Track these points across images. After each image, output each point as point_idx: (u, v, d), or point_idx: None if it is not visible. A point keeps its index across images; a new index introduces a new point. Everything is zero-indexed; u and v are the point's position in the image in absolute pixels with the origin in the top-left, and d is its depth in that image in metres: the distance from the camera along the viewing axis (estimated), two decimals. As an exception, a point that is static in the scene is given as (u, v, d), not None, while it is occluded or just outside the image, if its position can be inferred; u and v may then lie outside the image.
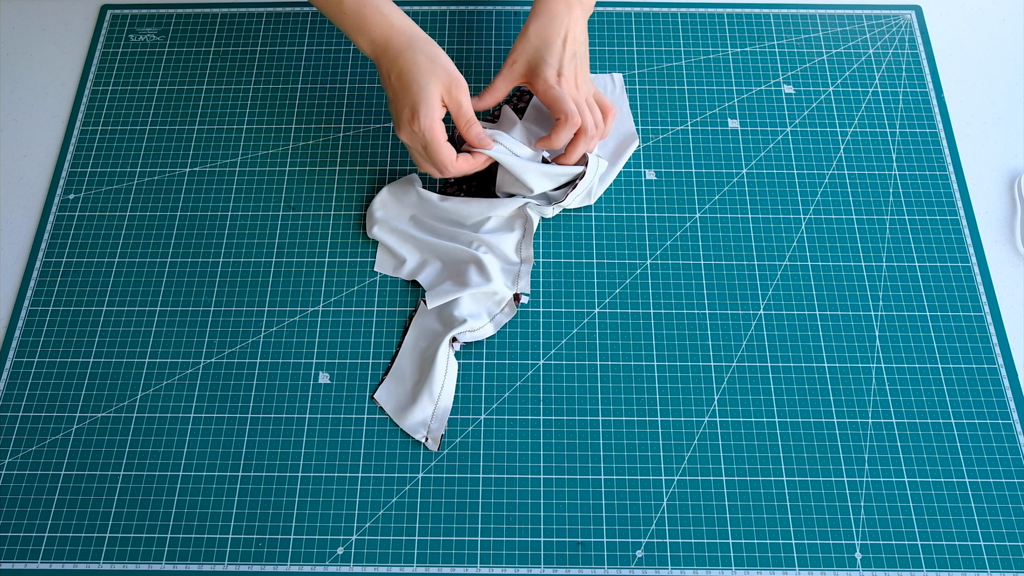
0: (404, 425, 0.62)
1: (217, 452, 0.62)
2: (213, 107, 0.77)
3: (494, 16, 0.81)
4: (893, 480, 0.61)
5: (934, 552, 0.59)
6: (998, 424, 0.63)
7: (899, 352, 0.66)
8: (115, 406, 0.64)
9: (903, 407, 0.64)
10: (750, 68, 0.78)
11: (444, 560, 0.59)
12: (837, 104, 0.76)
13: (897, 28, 0.80)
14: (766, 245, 0.70)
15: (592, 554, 0.59)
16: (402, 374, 0.64)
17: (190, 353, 0.66)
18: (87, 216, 0.72)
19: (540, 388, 0.64)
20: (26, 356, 0.66)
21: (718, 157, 0.74)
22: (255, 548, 0.59)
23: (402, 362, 0.65)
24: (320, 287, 0.68)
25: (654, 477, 0.61)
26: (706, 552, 0.59)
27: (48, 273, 0.69)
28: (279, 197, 0.72)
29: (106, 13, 0.82)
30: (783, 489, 0.61)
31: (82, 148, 0.75)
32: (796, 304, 0.67)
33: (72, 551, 0.60)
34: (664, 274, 0.69)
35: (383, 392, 0.64)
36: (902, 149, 0.74)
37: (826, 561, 0.59)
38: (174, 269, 0.69)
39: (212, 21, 0.81)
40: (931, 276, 0.68)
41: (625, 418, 0.63)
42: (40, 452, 0.63)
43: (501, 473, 0.62)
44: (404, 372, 0.64)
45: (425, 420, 0.62)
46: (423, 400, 0.62)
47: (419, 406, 0.62)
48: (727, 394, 0.64)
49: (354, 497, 0.61)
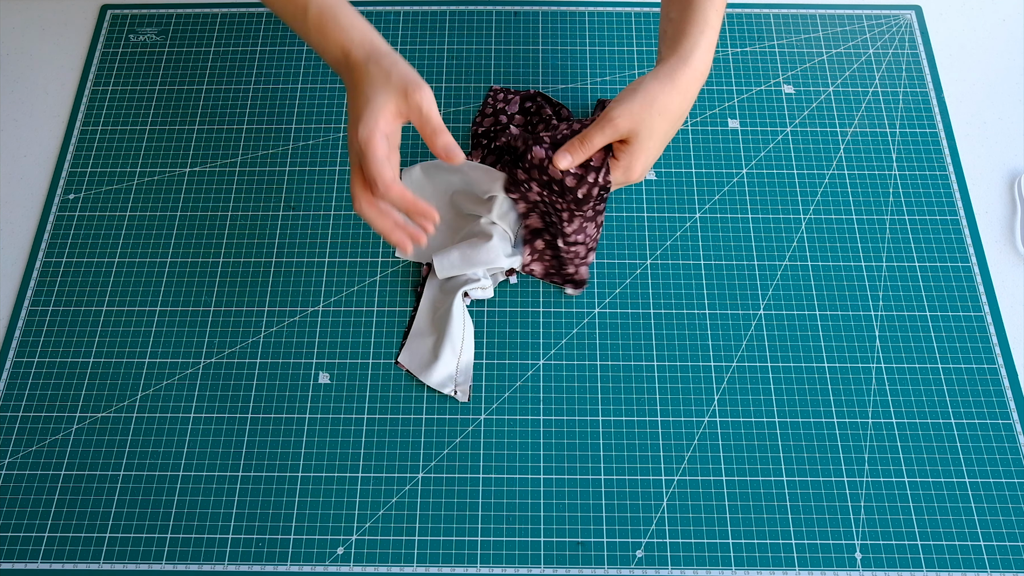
0: (431, 382, 0.64)
1: (217, 452, 0.62)
2: (213, 107, 0.77)
3: (494, 16, 0.81)
4: (893, 480, 0.61)
5: (934, 552, 0.59)
6: (998, 424, 0.63)
7: (899, 352, 0.66)
8: (115, 406, 0.64)
9: (903, 407, 0.64)
10: (750, 68, 0.78)
11: (444, 560, 0.59)
12: (837, 104, 0.76)
13: (897, 28, 0.80)
14: (766, 245, 0.70)
15: (592, 554, 0.59)
16: (422, 334, 0.65)
17: (190, 353, 0.66)
18: (87, 216, 0.72)
19: (540, 388, 0.64)
20: (26, 356, 0.66)
21: (718, 157, 0.74)
22: (255, 548, 0.59)
23: (420, 323, 0.66)
24: (320, 287, 0.68)
25: (654, 477, 0.61)
26: (706, 552, 0.59)
27: (48, 273, 0.69)
28: (279, 197, 0.72)
29: (106, 13, 0.82)
30: (783, 489, 0.61)
31: (82, 148, 0.75)
32: (796, 304, 0.67)
33: (72, 551, 0.60)
34: (664, 274, 0.69)
35: (406, 354, 0.65)
36: (902, 149, 0.74)
37: (826, 561, 0.59)
38: (174, 269, 0.69)
39: (212, 21, 0.81)
40: (931, 276, 0.68)
41: (625, 418, 0.63)
42: (40, 452, 0.63)
43: (501, 473, 0.62)
44: (423, 332, 0.65)
45: (451, 374, 0.64)
46: (446, 355, 0.63)
47: (442, 362, 0.63)
48: (727, 394, 0.64)
49: (354, 497, 0.61)
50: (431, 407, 0.64)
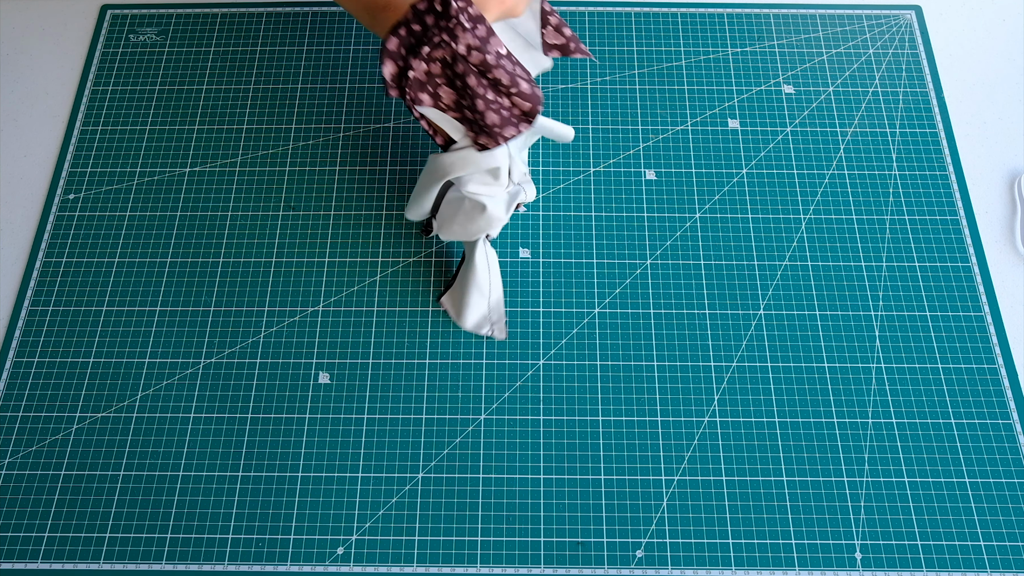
0: (467, 326, 0.65)
1: (217, 452, 0.62)
2: (213, 107, 0.77)
3: (494, 16, 0.81)
4: (893, 480, 0.61)
5: (934, 552, 0.59)
6: (998, 424, 0.63)
7: (899, 352, 0.66)
8: (115, 406, 0.64)
9: (903, 407, 0.64)
10: (750, 68, 0.78)
11: (444, 560, 0.59)
12: (837, 104, 0.76)
13: (897, 28, 0.80)
14: (766, 245, 0.70)
15: (592, 554, 0.59)
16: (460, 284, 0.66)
17: (190, 353, 0.66)
18: (87, 216, 0.72)
19: (540, 388, 0.64)
20: (26, 356, 0.66)
21: (718, 157, 0.74)
22: (255, 548, 0.59)
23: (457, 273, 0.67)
24: (320, 287, 0.68)
25: (654, 477, 0.61)
26: (706, 552, 0.59)
27: (48, 273, 0.69)
28: (279, 197, 0.72)
29: (106, 13, 0.82)
30: (783, 489, 0.61)
31: (82, 148, 0.75)
32: (796, 304, 0.67)
33: (72, 551, 0.60)
34: (664, 274, 0.69)
35: (447, 298, 0.67)
36: (902, 149, 0.74)
37: (826, 561, 0.59)
38: (174, 269, 0.69)
39: (212, 21, 0.81)
40: (931, 276, 0.68)
41: (625, 418, 0.63)
42: (40, 452, 0.63)
43: (501, 473, 0.62)
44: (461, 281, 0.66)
45: (484, 315, 0.65)
46: (474, 299, 0.65)
47: (473, 306, 0.65)
48: (727, 394, 0.64)
49: (354, 497, 0.61)
50: (431, 407, 0.64)
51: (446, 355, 0.66)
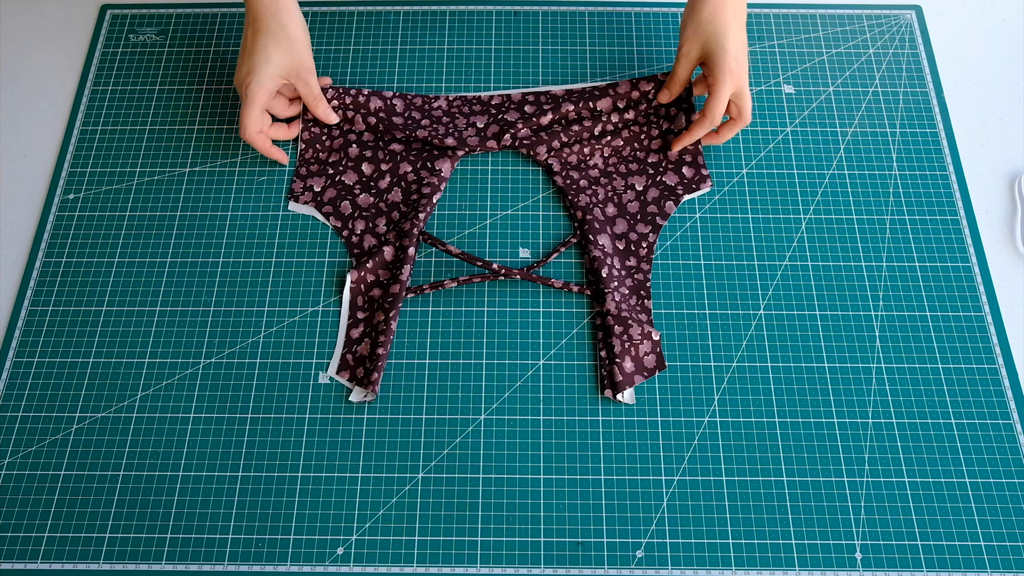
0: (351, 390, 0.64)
1: (217, 452, 0.62)
2: (213, 107, 0.77)
3: (494, 16, 0.81)
4: (893, 480, 0.61)
5: (934, 552, 0.59)
6: (998, 424, 0.63)
7: (899, 352, 0.66)
8: (115, 406, 0.64)
9: (903, 407, 0.64)
10: (750, 68, 0.78)
11: (444, 560, 0.59)
12: (837, 104, 0.76)
13: (897, 28, 0.80)
14: (766, 245, 0.70)
15: (592, 554, 0.59)
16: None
17: (190, 353, 0.66)
18: (87, 216, 0.72)
19: (540, 388, 0.64)
20: (26, 356, 0.66)
21: (718, 157, 0.74)
22: (255, 548, 0.59)
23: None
24: (320, 287, 0.68)
25: (654, 477, 0.61)
26: (706, 552, 0.59)
27: (48, 273, 0.69)
28: (279, 197, 0.72)
29: (106, 13, 0.82)
30: (783, 489, 0.61)
31: (82, 148, 0.75)
32: (796, 304, 0.67)
33: (72, 551, 0.60)
34: (664, 274, 0.69)
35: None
36: (902, 149, 0.74)
37: (826, 561, 0.59)
38: (174, 269, 0.69)
39: (212, 21, 0.81)
40: (931, 276, 0.68)
41: (625, 418, 0.63)
42: (40, 452, 0.63)
43: (501, 473, 0.62)
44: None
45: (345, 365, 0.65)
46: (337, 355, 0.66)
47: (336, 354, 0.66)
48: (727, 394, 0.64)
49: (354, 497, 0.61)
50: (431, 407, 0.64)
51: (446, 355, 0.66)
